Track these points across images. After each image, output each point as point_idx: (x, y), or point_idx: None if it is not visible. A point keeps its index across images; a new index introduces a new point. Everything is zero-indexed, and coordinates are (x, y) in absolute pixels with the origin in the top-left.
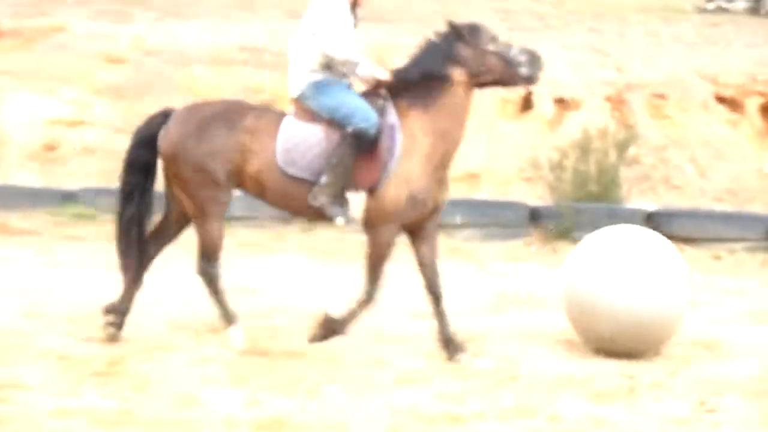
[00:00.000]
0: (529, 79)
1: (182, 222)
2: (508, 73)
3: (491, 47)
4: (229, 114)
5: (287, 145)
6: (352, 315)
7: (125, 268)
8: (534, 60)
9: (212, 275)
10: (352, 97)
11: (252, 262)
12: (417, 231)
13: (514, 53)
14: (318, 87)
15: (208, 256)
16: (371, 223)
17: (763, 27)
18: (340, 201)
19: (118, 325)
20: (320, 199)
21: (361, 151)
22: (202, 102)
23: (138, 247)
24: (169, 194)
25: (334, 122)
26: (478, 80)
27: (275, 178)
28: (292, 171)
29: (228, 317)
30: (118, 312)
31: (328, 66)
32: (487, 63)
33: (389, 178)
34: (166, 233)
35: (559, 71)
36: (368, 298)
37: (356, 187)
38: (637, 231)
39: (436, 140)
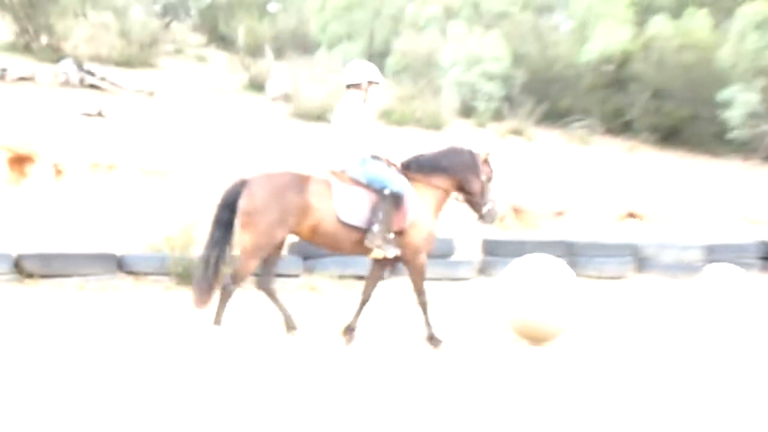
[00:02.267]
0: (482, 219)
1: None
2: (477, 204)
3: (484, 180)
4: (294, 182)
5: (344, 203)
6: (427, 321)
7: (202, 301)
8: (494, 213)
9: (231, 291)
10: (384, 170)
11: None
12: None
13: (490, 196)
14: (361, 163)
15: (237, 280)
16: (406, 255)
17: None
18: (389, 240)
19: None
20: (376, 241)
21: (396, 206)
22: (271, 173)
23: (214, 282)
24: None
25: (373, 187)
26: (461, 189)
27: (334, 226)
28: (348, 221)
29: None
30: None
31: (363, 150)
32: (474, 187)
33: (413, 225)
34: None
35: None
36: (424, 301)
37: (391, 231)
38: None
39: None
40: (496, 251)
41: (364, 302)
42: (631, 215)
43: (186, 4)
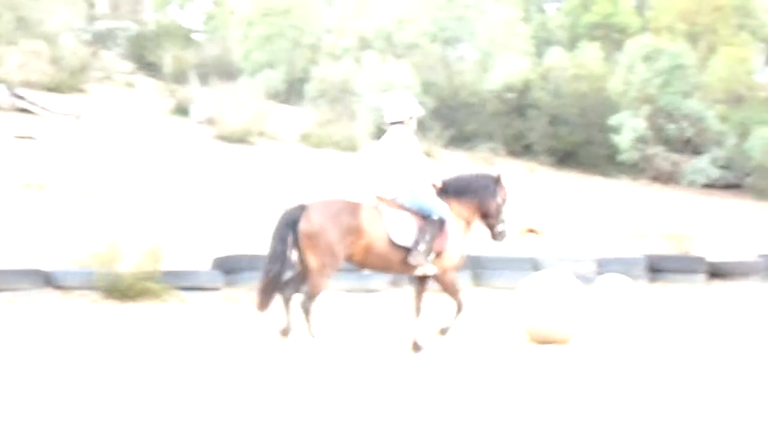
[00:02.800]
0: (495, 237)
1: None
2: (493, 225)
3: (500, 202)
4: (348, 207)
5: (394, 226)
6: (455, 320)
7: (264, 305)
8: (505, 233)
9: (309, 308)
10: (430, 197)
11: None
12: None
13: (503, 217)
14: (409, 191)
15: (312, 296)
16: (442, 274)
17: None
18: (429, 260)
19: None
20: (419, 260)
21: (439, 230)
22: (329, 199)
23: (275, 292)
24: (301, 259)
25: (420, 212)
26: (481, 212)
27: (385, 247)
28: (399, 242)
29: (311, 333)
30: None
31: (410, 178)
32: (492, 209)
33: (450, 246)
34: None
35: None
36: (461, 308)
37: (432, 251)
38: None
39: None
40: None
41: (418, 316)
42: (531, 231)
43: (115, 32)
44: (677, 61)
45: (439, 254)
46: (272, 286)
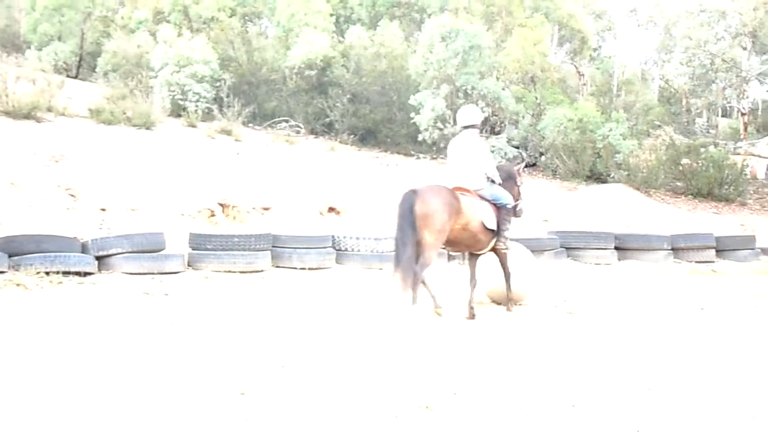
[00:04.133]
0: (515, 215)
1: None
2: (517, 204)
3: (520, 186)
4: (450, 192)
5: (485, 212)
6: (509, 287)
7: (406, 281)
8: (522, 210)
9: (420, 277)
10: (501, 190)
11: None
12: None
13: (521, 198)
14: (488, 185)
15: (425, 267)
16: (499, 250)
17: None
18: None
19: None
20: (504, 242)
21: (510, 217)
22: (434, 185)
23: (411, 268)
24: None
25: (494, 201)
26: (512, 195)
27: (477, 229)
28: (489, 226)
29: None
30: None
31: (486, 174)
32: (516, 193)
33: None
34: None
35: None
36: (509, 274)
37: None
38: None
39: None
40: (204, 245)
41: (474, 285)
42: (332, 209)
43: None
44: (474, 42)
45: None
46: (409, 267)
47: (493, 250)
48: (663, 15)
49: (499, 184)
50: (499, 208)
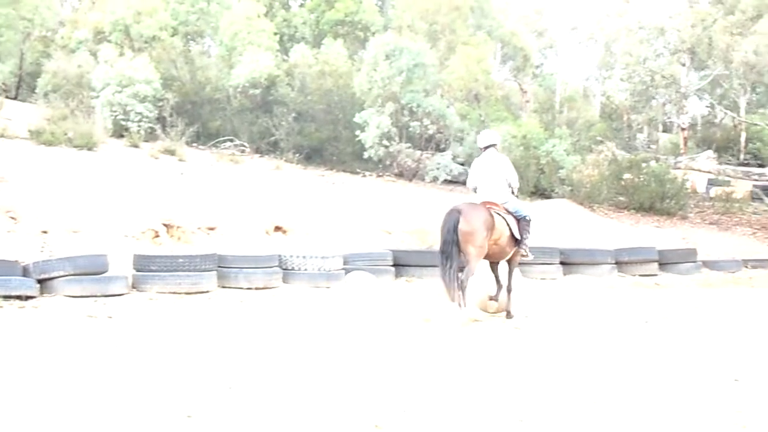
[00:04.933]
0: (520, 244)
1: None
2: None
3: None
4: (486, 209)
5: (515, 224)
6: (509, 299)
7: (452, 291)
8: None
9: (467, 285)
10: (522, 203)
11: None
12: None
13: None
14: (512, 198)
15: (469, 277)
16: (514, 259)
17: None
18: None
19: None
20: (526, 250)
21: (530, 227)
22: (473, 204)
23: (455, 279)
24: (461, 252)
25: (516, 214)
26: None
27: (507, 240)
28: (516, 236)
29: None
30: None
31: (511, 187)
32: (522, 227)
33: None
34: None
35: None
36: (511, 288)
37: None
38: None
39: None
40: (148, 266)
41: (509, 290)
42: (278, 228)
43: None
44: (418, 60)
45: (518, 243)
46: (455, 278)
47: (509, 260)
48: (603, 32)
49: None
50: (519, 219)
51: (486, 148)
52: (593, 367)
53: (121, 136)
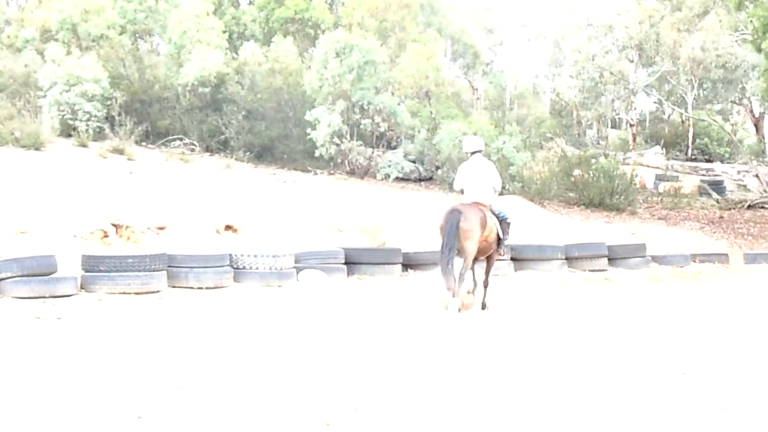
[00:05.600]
0: (500, 244)
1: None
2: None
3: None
4: (482, 211)
5: (496, 224)
6: (485, 295)
7: (450, 282)
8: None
9: (464, 277)
10: (504, 206)
11: None
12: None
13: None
14: (496, 200)
15: (467, 269)
16: (493, 256)
17: None
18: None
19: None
20: (505, 249)
21: (508, 228)
22: (469, 204)
23: (452, 270)
24: (460, 247)
25: (499, 215)
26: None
27: (493, 239)
28: (501, 236)
29: (454, 293)
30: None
31: (495, 189)
32: (503, 228)
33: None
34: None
35: None
36: (488, 284)
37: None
38: None
39: None
40: (97, 267)
41: (486, 285)
42: (229, 227)
43: None
44: (368, 57)
45: (498, 243)
46: (452, 270)
47: (488, 257)
48: (552, 29)
49: None
50: (501, 221)
51: (473, 153)
52: (543, 362)
53: (69, 135)
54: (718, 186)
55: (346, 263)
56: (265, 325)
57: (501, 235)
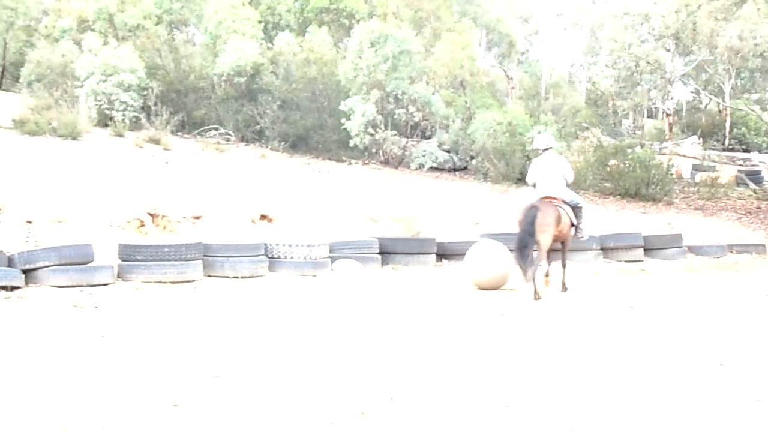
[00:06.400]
0: (576, 228)
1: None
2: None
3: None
4: (556, 208)
5: (571, 212)
6: (564, 275)
7: (527, 271)
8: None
9: (539, 267)
10: (575, 194)
11: None
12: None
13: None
14: (568, 192)
15: (540, 260)
16: (567, 241)
17: None
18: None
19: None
20: (583, 233)
21: (582, 212)
22: (544, 201)
23: (530, 260)
24: (536, 240)
25: (572, 204)
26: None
27: (566, 231)
28: (575, 222)
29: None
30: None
31: (567, 181)
32: (576, 213)
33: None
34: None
35: None
36: (566, 263)
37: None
38: None
39: None
40: (133, 256)
41: (564, 266)
42: (264, 217)
43: None
44: (403, 47)
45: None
46: (530, 261)
47: (564, 241)
48: (588, 18)
49: None
50: (573, 207)
51: (545, 150)
52: (579, 353)
53: (106, 125)
54: (755, 176)
55: (380, 253)
56: (299, 314)
57: (575, 222)
